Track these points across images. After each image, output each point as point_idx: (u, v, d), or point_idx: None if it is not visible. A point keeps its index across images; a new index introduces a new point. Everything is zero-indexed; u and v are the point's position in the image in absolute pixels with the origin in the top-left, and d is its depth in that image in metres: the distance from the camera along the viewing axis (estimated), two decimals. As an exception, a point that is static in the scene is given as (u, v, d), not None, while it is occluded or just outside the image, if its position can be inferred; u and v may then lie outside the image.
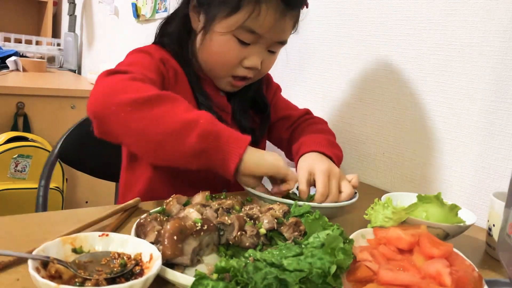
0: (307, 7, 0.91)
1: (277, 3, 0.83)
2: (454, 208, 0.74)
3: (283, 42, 0.91)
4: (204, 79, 0.95)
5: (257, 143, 1.01)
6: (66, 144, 1.14)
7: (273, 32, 0.86)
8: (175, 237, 0.52)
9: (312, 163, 0.82)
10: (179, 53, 0.93)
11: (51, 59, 3.36)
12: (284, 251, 0.52)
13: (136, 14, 2.40)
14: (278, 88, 1.15)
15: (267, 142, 1.12)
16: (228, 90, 0.96)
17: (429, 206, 0.72)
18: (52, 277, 0.46)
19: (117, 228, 0.65)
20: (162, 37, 0.97)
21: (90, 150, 1.16)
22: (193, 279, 0.45)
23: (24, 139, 1.98)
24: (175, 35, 0.94)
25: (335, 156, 0.89)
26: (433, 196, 0.72)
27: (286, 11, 0.85)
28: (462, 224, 0.69)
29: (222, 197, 0.68)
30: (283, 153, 1.11)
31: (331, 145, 0.92)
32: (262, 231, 0.58)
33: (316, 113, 1.29)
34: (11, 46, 3.02)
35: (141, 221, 0.57)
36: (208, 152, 0.70)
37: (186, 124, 0.70)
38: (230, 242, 0.57)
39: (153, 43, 0.97)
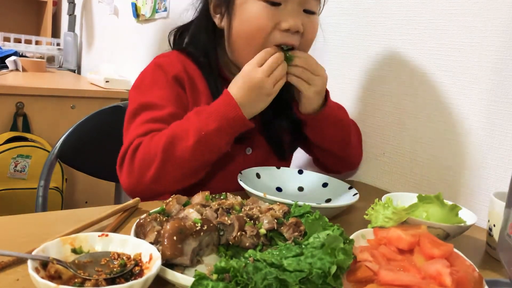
0: None
1: None
2: (454, 208, 0.74)
3: None
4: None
5: (284, 158, 0.99)
6: (65, 144, 1.14)
7: None
8: (174, 238, 0.51)
9: None
10: (204, 61, 0.91)
11: (50, 59, 3.35)
12: (284, 252, 0.51)
13: (136, 13, 2.40)
14: None
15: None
16: None
17: (429, 206, 0.72)
18: (51, 278, 0.46)
19: (116, 228, 0.65)
20: (183, 43, 0.96)
21: (89, 150, 1.16)
22: (193, 279, 0.45)
23: (24, 139, 1.98)
24: (200, 44, 0.93)
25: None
26: (434, 196, 0.72)
27: None
28: (462, 224, 0.69)
29: (222, 197, 0.68)
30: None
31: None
32: (262, 231, 0.58)
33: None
34: (11, 46, 3.02)
35: (141, 221, 0.57)
36: (222, 133, 0.78)
37: (197, 144, 0.77)
38: (230, 242, 0.57)
39: (174, 49, 0.96)
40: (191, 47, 0.93)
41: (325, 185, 0.90)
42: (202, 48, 0.92)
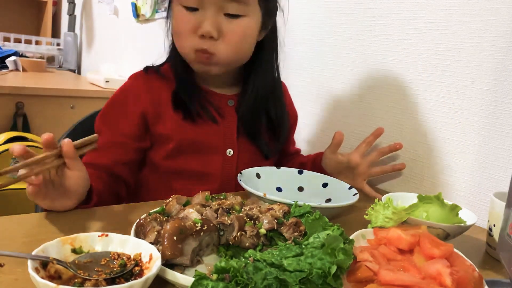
0: None
1: None
2: (454, 208, 0.74)
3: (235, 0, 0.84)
4: (205, 91, 0.96)
5: (267, 158, 0.99)
6: (65, 144, 1.13)
7: None
8: (175, 238, 0.51)
9: None
10: (173, 69, 0.95)
11: (50, 59, 3.35)
12: (284, 252, 0.51)
13: (136, 13, 2.40)
14: (295, 121, 1.13)
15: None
16: (199, 70, 0.92)
17: (429, 206, 0.72)
18: (51, 278, 0.46)
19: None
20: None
21: (89, 150, 1.15)
22: (193, 279, 0.45)
23: (24, 139, 1.98)
24: (171, 52, 0.97)
25: None
26: (434, 196, 0.72)
27: None
28: (462, 224, 0.69)
29: (222, 197, 0.68)
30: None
31: None
32: (262, 231, 0.58)
33: (316, 113, 1.29)
34: (11, 46, 3.02)
35: (141, 221, 0.57)
36: None
37: None
38: (230, 242, 0.57)
39: (148, 67, 0.98)
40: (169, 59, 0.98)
41: (325, 185, 0.90)
42: (173, 56, 0.96)
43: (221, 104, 0.96)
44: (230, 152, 0.94)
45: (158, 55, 1.01)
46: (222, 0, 0.83)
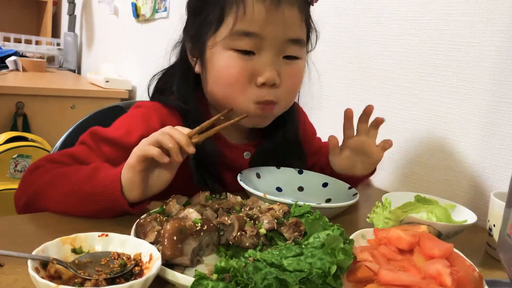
0: (314, 1, 0.80)
1: None
2: (454, 208, 0.74)
3: (296, 41, 0.76)
4: (223, 145, 0.85)
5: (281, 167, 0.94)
6: (65, 144, 1.13)
7: (272, 28, 0.73)
8: (175, 238, 0.51)
9: None
10: (186, 110, 0.82)
11: (50, 59, 3.36)
12: (284, 251, 0.51)
13: (136, 13, 2.40)
14: (312, 131, 1.07)
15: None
16: (258, 125, 0.83)
17: (428, 206, 0.72)
18: (51, 278, 0.46)
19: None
20: (164, 94, 0.86)
21: (89, 150, 1.15)
22: (193, 279, 0.45)
23: (24, 139, 1.98)
24: (180, 93, 0.83)
25: None
26: (431, 198, 0.73)
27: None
28: (462, 224, 0.69)
29: (222, 197, 0.68)
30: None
31: None
32: (262, 231, 0.58)
33: (316, 113, 1.29)
34: (11, 46, 3.02)
35: (141, 221, 0.57)
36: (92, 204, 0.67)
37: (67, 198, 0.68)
38: (230, 242, 0.57)
39: (153, 99, 0.87)
40: (174, 97, 0.84)
41: (325, 185, 0.90)
42: (184, 98, 0.83)
43: (237, 156, 0.88)
44: (247, 154, 0.90)
45: (157, 55, 1.01)
46: (284, 42, 0.75)
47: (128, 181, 0.65)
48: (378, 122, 0.89)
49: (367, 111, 0.87)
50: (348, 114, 0.87)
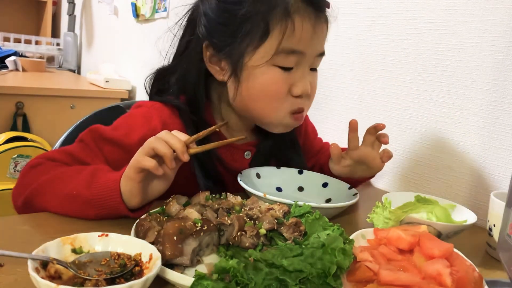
0: (328, 7, 0.81)
1: (308, 10, 0.74)
2: (454, 208, 0.74)
3: (322, 54, 0.81)
4: (220, 133, 0.85)
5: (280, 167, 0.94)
6: (65, 144, 1.13)
7: (314, 45, 0.76)
8: (175, 238, 0.51)
9: None
10: (189, 113, 0.81)
11: (50, 59, 3.36)
12: (284, 251, 0.51)
13: (136, 13, 2.40)
14: (314, 131, 1.07)
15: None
16: (286, 130, 0.85)
17: (428, 206, 0.72)
18: (51, 278, 0.46)
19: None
20: (163, 94, 0.85)
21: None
22: (193, 279, 0.45)
23: (24, 139, 1.98)
24: (193, 97, 0.82)
25: None
26: (431, 198, 0.72)
27: (320, 15, 0.76)
28: (462, 224, 0.69)
29: (222, 197, 0.68)
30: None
31: None
32: (262, 231, 0.58)
33: (316, 113, 1.29)
34: (11, 46, 3.02)
35: (141, 221, 0.57)
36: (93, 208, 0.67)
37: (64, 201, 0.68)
38: (230, 242, 0.57)
39: (153, 99, 0.85)
40: (179, 99, 0.83)
41: (325, 185, 0.90)
42: (193, 101, 0.82)
43: (237, 156, 0.89)
44: (248, 154, 0.90)
45: (157, 55, 1.00)
46: (315, 57, 0.79)
47: (128, 192, 0.65)
48: (383, 141, 0.87)
49: (378, 127, 0.87)
50: (353, 126, 0.87)
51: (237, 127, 0.88)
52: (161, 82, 0.88)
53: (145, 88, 0.89)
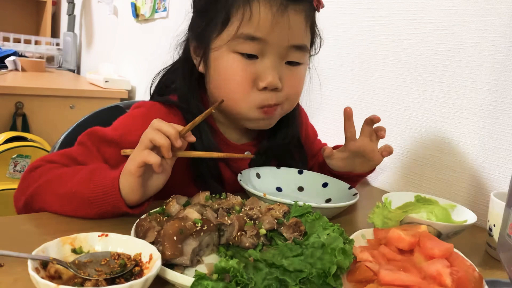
0: (320, 7, 0.79)
1: None
2: (454, 208, 0.74)
3: (299, 47, 0.77)
4: (220, 132, 0.86)
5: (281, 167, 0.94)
6: (65, 144, 1.13)
7: (277, 33, 0.73)
8: (174, 238, 0.51)
9: None
10: (186, 109, 0.82)
11: (50, 59, 3.36)
12: (284, 251, 0.51)
13: (135, 13, 2.40)
14: (314, 133, 1.07)
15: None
16: (262, 128, 0.84)
17: (428, 206, 0.72)
18: (51, 278, 0.46)
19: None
20: (164, 93, 0.86)
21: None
22: (193, 279, 0.45)
23: (23, 139, 1.98)
24: (182, 91, 0.83)
25: None
26: (431, 198, 0.72)
27: (287, 4, 0.72)
28: (462, 224, 0.69)
29: (222, 197, 0.68)
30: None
31: None
32: (262, 231, 0.58)
33: (315, 113, 1.29)
34: (10, 46, 3.02)
35: (141, 221, 0.57)
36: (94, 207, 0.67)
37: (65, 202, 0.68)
38: (230, 242, 0.57)
39: (153, 99, 0.86)
40: (176, 95, 0.84)
41: (325, 185, 0.90)
42: (185, 96, 0.83)
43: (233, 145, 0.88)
44: (248, 154, 0.88)
45: (157, 55, 1.01)
46: (287, 48, 0.75)
47: (127, 187, 0.65)
48: (380, 134, 0.87)
49: (375, 119, 0.85)
50: (348, 114, 0.86)
51: (231, 125, 0.87)
52: (164, 79, 0.89)
53: (150, 86, 0.90)
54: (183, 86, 0.84)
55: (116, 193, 0.64)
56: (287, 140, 0.91)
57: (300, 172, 0.92)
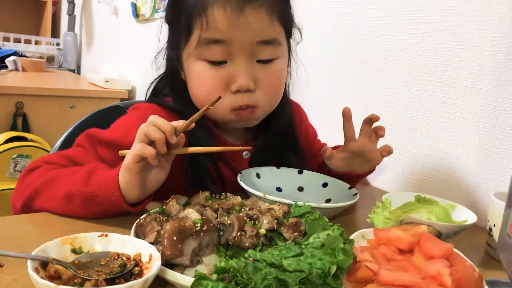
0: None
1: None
2: (454, 208, 0.74)
3: (268, 42, 0.76)
4: (217, 133, 0.87)
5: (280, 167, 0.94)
6: (65, 144, 1.13)
7: (238, 32, 0.72)
8: (174, 238, 0.51)
9: None
10: (182, 112, 0.82)
11: (50, 59, 3.36)
12: (284, 252, 0.51)
13: (136, 13, 2.40)
14: (314, 133, 1.07)
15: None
16: (239, 126, 0.85)
17: (428, 206, 0.72)
18: (51, 278, 0.46)
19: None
20: (160, 96, 0.88)
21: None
22: (193, 279, 0.45)
23: (23, 139, 1.98)
24: (174, 97, 0.85)
25: None
26: (431, 198, 0.72)
27: (243, 4, 0.72)
28: (462, 224, 0.69)
29: (222, 197, 0.68)
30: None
31: None
32: (262, 231, 0.58)
33: (316, 113, 1.29)
34: (10, 46, 3.02)
35: (141, 221, 0.57)
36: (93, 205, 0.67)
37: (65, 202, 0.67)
38: (230, 242, 0.57)
39: (148, 101, 0.88)
40: (171, 98, 0.86)
41: (325, 185, 0.90)
42: (181, 99, 0.84)
43: (236, 156, 0.88)
44: (246, 154, 0.90)
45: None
46: (254, 46, 0.74)
47: (126, 183, 0.65)
48: (380, 133, 0.87)
49: (374, 119, 0.86)
50: (346, 114, 0.86)
51: (226, 126, 0.87)
52: (160, 84, 0.90)
53: (146, 92, 0.90)
54: (173, 94, 0.86)
55: (116, 191, 0.65)
56: (280, 130, 0.89)
57: (300, 172, 0.92)
